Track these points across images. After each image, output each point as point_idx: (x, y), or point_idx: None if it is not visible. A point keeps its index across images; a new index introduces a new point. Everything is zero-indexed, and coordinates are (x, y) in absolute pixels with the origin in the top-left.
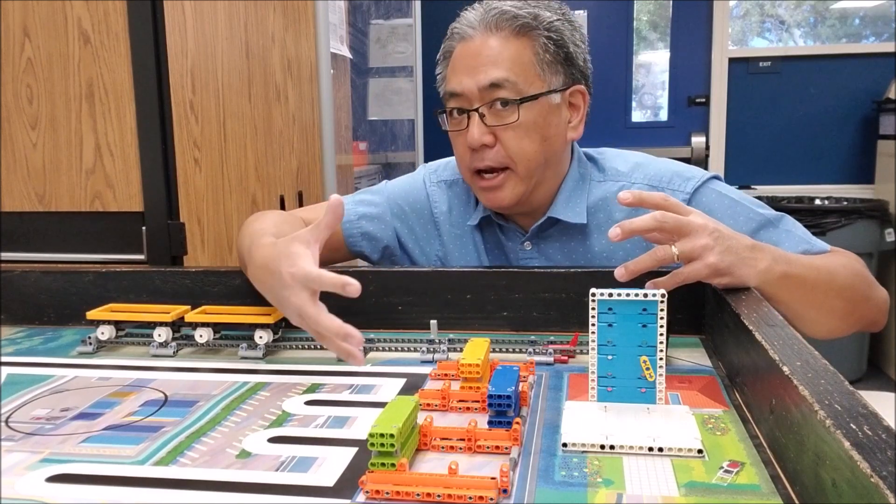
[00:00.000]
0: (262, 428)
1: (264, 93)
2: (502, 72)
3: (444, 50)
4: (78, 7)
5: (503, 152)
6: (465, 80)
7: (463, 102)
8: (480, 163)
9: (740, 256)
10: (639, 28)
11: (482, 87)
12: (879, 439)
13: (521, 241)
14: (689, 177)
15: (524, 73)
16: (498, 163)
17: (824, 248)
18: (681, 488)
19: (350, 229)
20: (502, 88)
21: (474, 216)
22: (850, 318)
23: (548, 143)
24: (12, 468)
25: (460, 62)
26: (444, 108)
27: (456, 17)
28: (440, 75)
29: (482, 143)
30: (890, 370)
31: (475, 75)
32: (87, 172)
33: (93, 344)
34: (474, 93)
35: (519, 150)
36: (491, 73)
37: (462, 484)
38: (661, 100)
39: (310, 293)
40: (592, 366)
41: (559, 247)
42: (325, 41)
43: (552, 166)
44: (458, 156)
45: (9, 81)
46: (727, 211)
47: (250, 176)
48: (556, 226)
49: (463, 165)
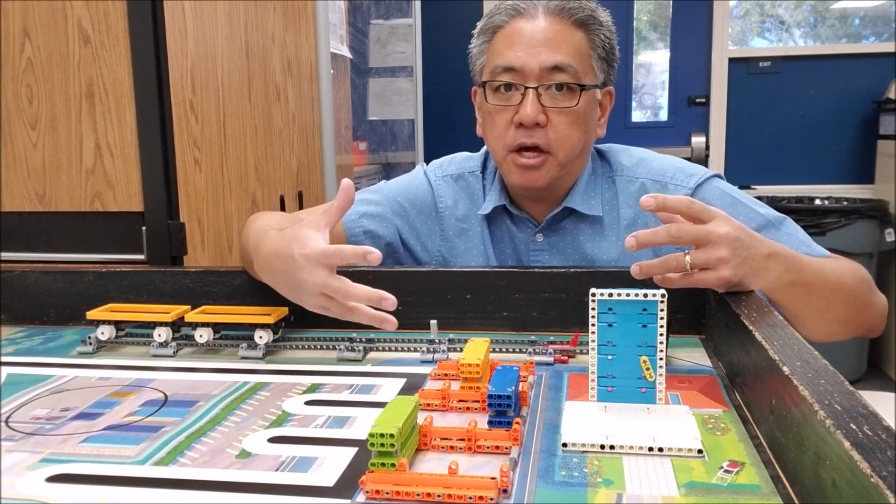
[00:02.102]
0: (262, 428)
1: (264, 93)
2: (566, 57)
3: (489, 24)
4: (78, 7)
5: (551, 135)
6: (525, 57)
7: (518, 78)
8: (528, 140)
9: (754, 268)
10: (639, 28)
11: (544, 68)
12: (879, 439)
13: (534, 232)
14: (691, 173)
15: (582, 62)
16: (545, 144)
17: (824, 254)
18: (681, 488)
19: (352, 228)
20: (564, 73)
21: (486, 204)
22: (851, 323)
23: (587, 134)
24: (12, 468)
25: (519, 38)
26: (486, 81)
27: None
28: (479, 48)
29: (536, 121)
30: (890, 370)
31: (537, 54)
32: (87, 172)
33: (93, 344)
34: (534, 71)
35: (566, 136)
36: (556, 56)
37: (462, 484)
38: (661, 100)
39: (328, 269)
40: (592, 366)
41: (570, 240)
42: (325, 41)
43: (581, 157)
44: (496, 131)
45: (9, 81)
46: (728, 209)
47: (250, 176)
48: (570, 217)
49: (502, 142)
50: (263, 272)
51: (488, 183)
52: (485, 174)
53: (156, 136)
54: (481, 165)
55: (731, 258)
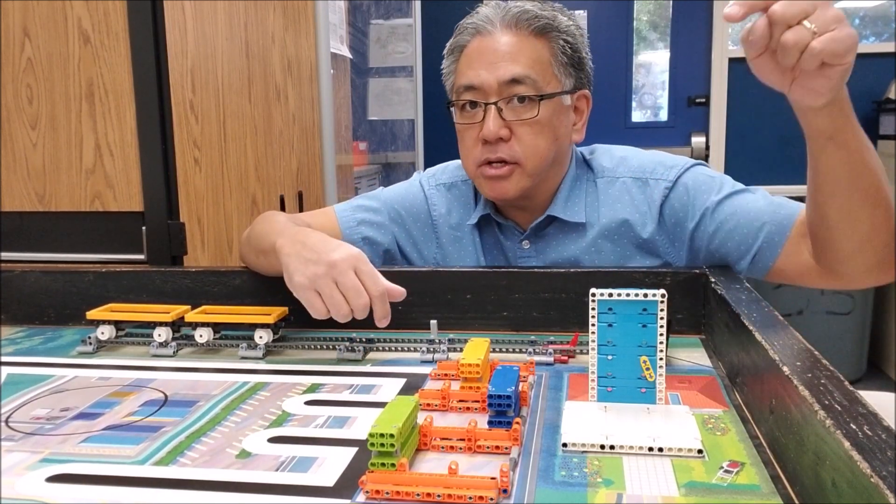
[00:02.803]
0: (262, 428)
1: (264, 93)
2: (523, 68)
3: (455, 44)
4: (78, 7)
5: (516, 147)
6: (484, 73)
7: (479, 96)
8: (493, 155)
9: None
10: (639, 28)
11: (502, 82)
12: (879, 439)
13: (520, 239)
14: (671, 165)
15: (543, 71)
16: (510, 157)
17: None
18: (681, 488)
19: (351, 235)
20: (522, 84)
21: (473, 215)
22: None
23: (557, 142)
24: (12, 468)
25: (478, 56)
26: (453, 102)
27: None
28: (448, 69)
29: (499, 136)
30: (890, 370)
31: (494, 70)
32: (87, 172)
33: (93, 344)
34: (493, 87)
35: (532, 146)
36: (512, 69)
37: (462, 484)
38: (661, 100)
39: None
40: (592, 366)
41: (555, 245)
42: (325, 41)
43: (556, 165)
44: (465, 149)
45: (9, 81)
46: (706, 184)
47: (250, 176)
48: (554, 224)
49: (470, 159)
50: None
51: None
52: None
53: (156, 136)
54: None
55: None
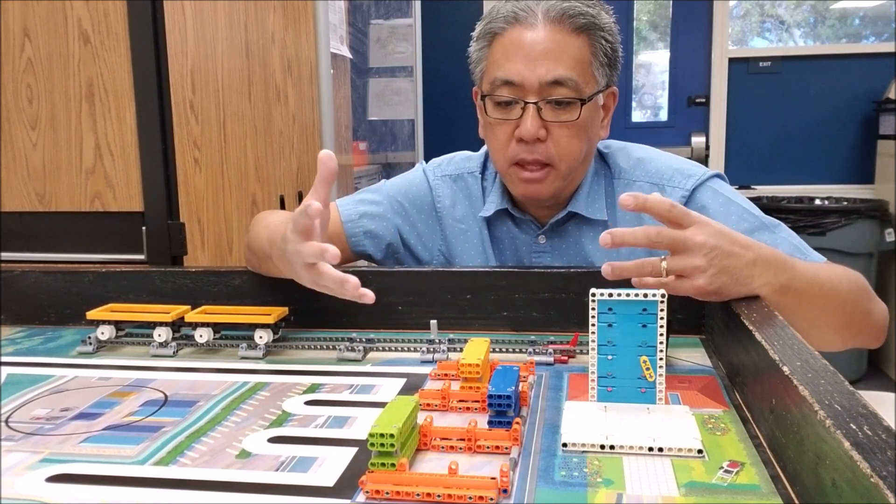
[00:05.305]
0: (262, 428)
1: (264, 93)
2: (566, 70)
3: (488, 28)
4: (78, 7)
5: (552, 149)
6: (525, 71)
7: (517, 93)
8: (529, 155)
9: (735, 277)
10: (639, 28)
11: (544, 83)
12: (879, 439)
13: (536, 234)
14: (690, 174)
15: (583, 72)
16: (546, 157)
17: (819, 259)
18: (681, 488)
19: (353, 229)
20: (564, 87)
21: (487, 208)
22: (847, 332)
23: (591, 142)
24: (12, 468)
25: (517, 49)
26: (487, 95)
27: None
28: (478, 54)
29: (537, 136)
30: (890, 370)
31: (536, 68)
32: (87, 172)
33: (93, 344)
34: (533, 86)
35: (568, 148)
36: (555, 70)
37: (462, 484)
38: (661, 100)
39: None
40: (592, 366)
41: (573, 242)
42: (325, 41)
43: (585, 163)
44: (498, 143)
45: (9, 81)
46: (721, 209)
47: (250, 176)
48: (574, 220)
49: (501, 154)
50: (281, 262)
51: (488, 184)
52: (485, 175)
53: (156, 136)
54: (481, 166)
55: (707, 267)
